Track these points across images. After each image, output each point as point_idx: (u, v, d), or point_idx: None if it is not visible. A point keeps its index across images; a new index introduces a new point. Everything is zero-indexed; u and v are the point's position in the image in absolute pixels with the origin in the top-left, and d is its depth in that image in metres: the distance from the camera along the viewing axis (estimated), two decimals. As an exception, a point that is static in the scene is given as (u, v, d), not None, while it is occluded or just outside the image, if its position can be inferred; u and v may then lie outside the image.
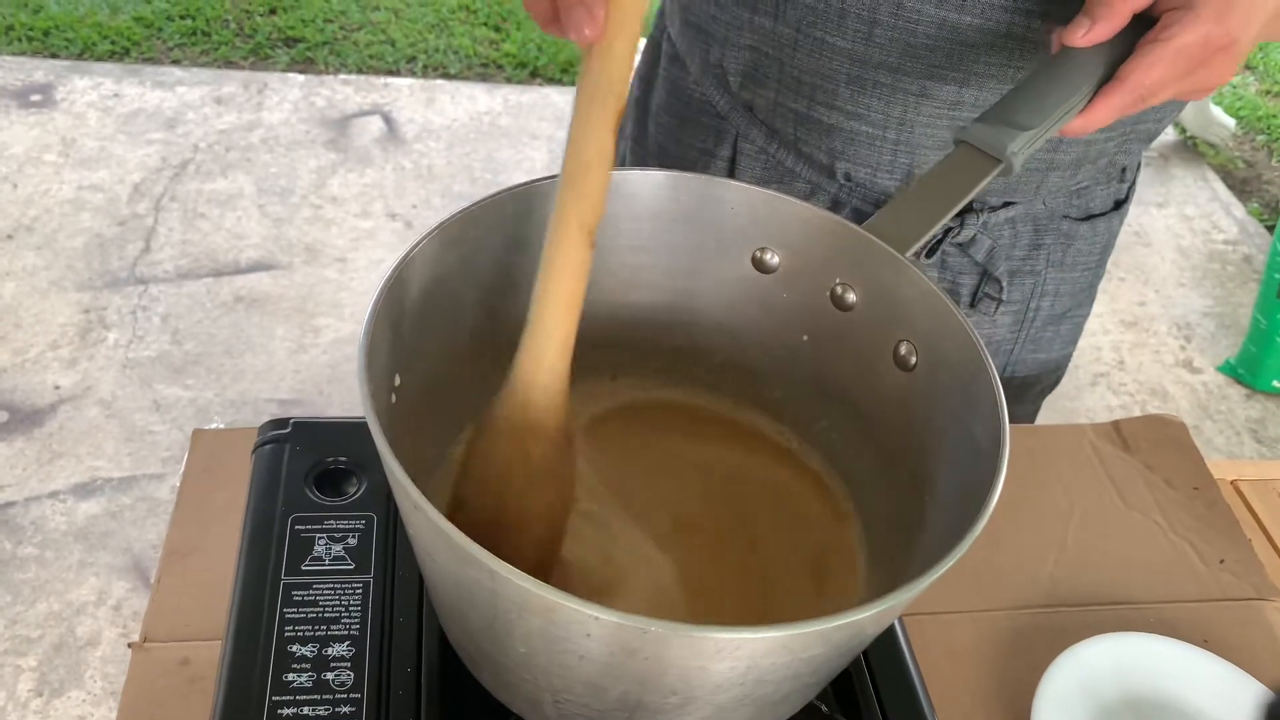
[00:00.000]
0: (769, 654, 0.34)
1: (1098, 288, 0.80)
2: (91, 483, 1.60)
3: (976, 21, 0.59)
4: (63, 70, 2.39)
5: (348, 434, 0.58)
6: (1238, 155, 2.70)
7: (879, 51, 0.61)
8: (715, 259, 0.54)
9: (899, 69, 0.62)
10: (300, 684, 0.47)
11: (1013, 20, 0.59)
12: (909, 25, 0.60)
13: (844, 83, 0.63)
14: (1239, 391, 2.06)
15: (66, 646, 1.40)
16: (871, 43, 0.61)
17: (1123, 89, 0.52)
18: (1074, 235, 0.74)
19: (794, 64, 0.64)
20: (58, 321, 1.84)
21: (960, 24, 0.59)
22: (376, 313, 0.41)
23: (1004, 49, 0.60)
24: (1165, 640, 0.63)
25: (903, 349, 0.49)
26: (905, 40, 0.60)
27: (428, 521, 0.34)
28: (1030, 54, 0.60)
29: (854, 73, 0.63)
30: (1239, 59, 0.53)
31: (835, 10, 0.61)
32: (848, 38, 0.61)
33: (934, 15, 0.59)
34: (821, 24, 0.62)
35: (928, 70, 0.62)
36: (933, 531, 0.45)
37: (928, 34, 0.60)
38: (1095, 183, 0.73)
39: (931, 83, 0.62)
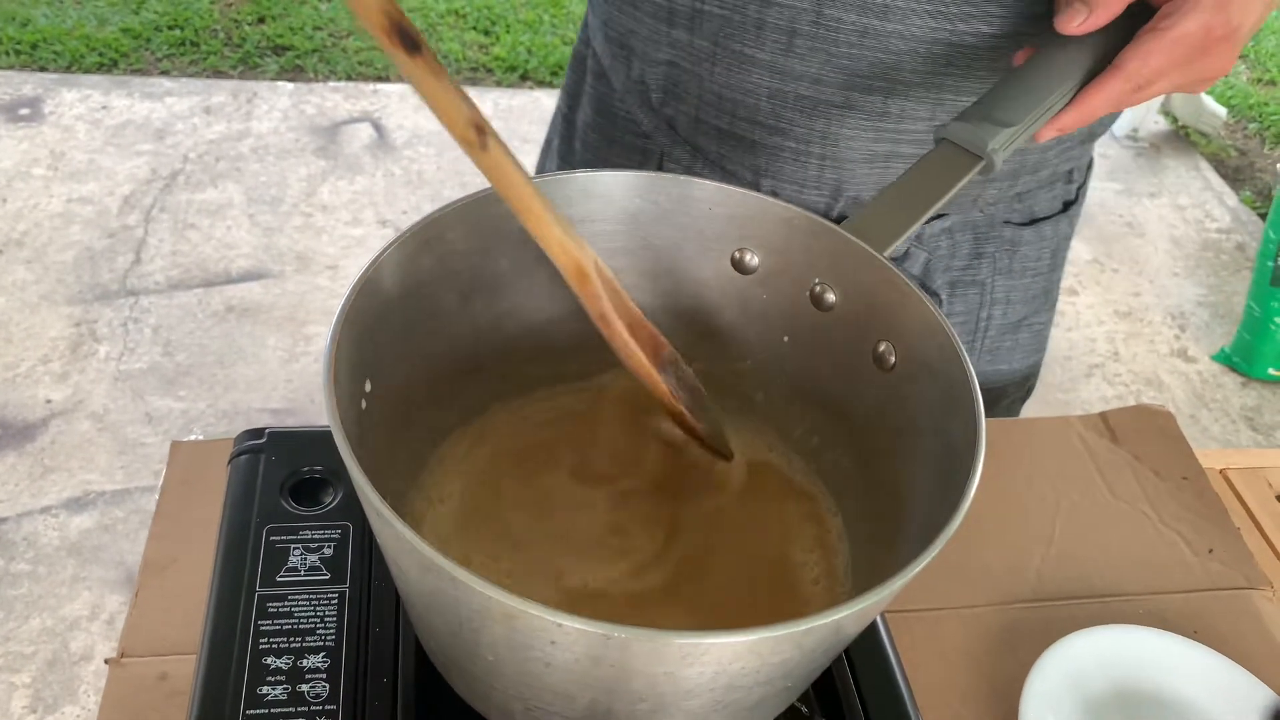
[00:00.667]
0: (737, 659, 0.34)
1: (1056, 293, 0.78)
2: (84, 497, 1.59)
3: (898, 28, 0.57)
4: (51, 83, 2.39)
5: (324, 443, 0.57)
6: (1230, 144, 2.70)
7: (799, 63, 0.59)
8: (694, 260, 0.53)
9: (820, 80, 0.60)
10: (275, 696, 0.47)
11: (936, 26, 0.57)
12: (829, 35, 0.58)
13: (765, 97, 0.61)
14: (1234, 380, 2.06)
15: (60, 662, 1.39)
16: (791, 54, 0.59)
17: (1119, 77, 0.51)
18: (1019, 241, 0.71)
19: (713, 79, 0.62)
20: (48, 335, 1.83)
21: (882, 32, 0.57)
22: (343, 318, 0.41)
23: (928, 56, 0.58)
24: (1154, 632, 0.62)
25: (882, 348, 0.49)
26: (826, 50, 0.59)
27: (389, 528, 0.34)
28: (956, 60, 0.58)
29: (774, 86, 0.61)
30: (1239, 48, 0.52)
31: (752, 21, 0.59)
32: (766, 50, 0.59)
33: (854, 23, 0.57)
34: (739, 36, 0.59)
35: (850, 81, 0.60)
36: (913, 532, 0.44)
37: (849, 43, 0.58)
38: (1039, 187, 0.71)
39: (855, 94, 0.60)
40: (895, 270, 0.47)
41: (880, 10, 0.56)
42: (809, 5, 0.57)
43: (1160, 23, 0.50)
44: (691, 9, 0.60)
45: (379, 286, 0.44)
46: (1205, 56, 0.51)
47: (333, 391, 0.38)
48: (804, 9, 0.57)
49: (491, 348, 0.52)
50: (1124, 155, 2.62)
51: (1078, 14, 0.51)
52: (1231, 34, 0.50)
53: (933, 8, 0.56)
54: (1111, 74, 0.51)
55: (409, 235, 0.45)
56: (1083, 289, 2.23)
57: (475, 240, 0.48)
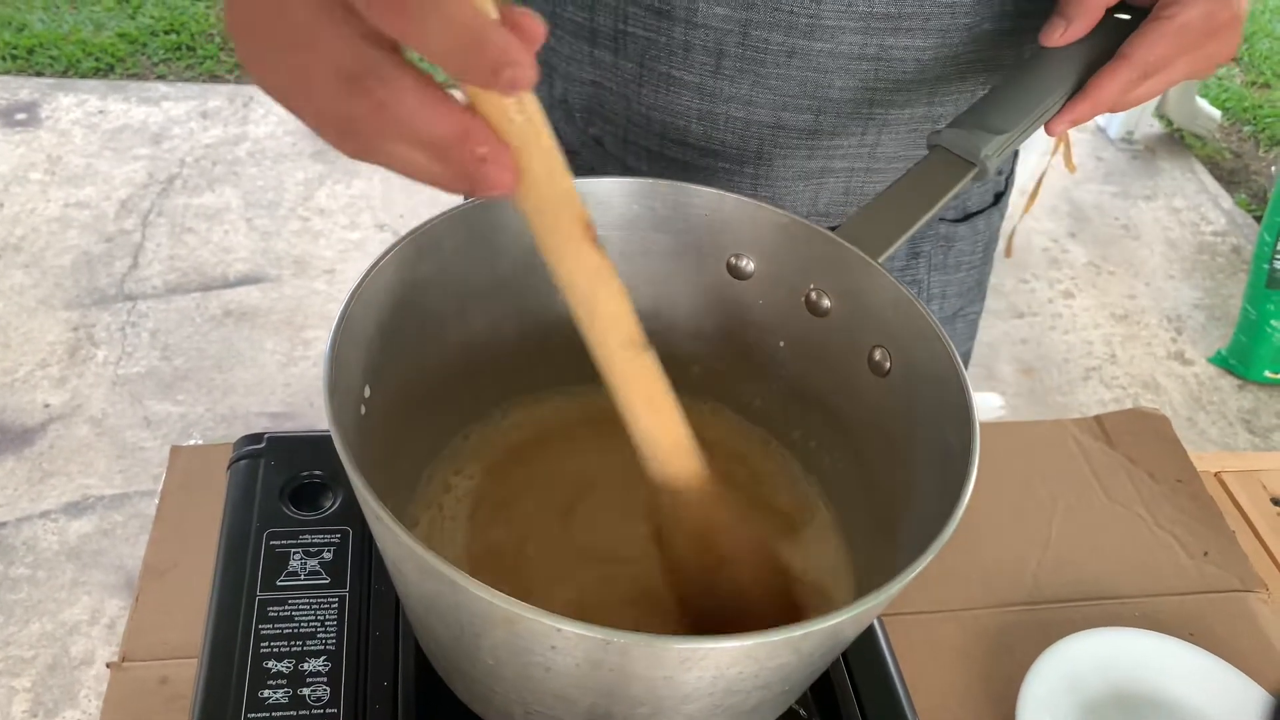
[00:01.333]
0: (735, 664, 0.34)
1: (987, 283, 0.78)
2: (83, 501, 1.59)
3: (826, 47, 0.56)
4: (47, 88, 2.39)
5: (323, 448, 0.58)
6: (1225, 146, 2.71)
7: (728, 84, 0.58)
8: (690, 266, 0.53)
9: (751, 101, 0.59)
10: (276, 700, 0.47)
11: (865, 43, 0.57)
12: (756, 55, 0.57)
13: (694, 119, 0.60)
14: (1231, 382, 2.06)
15: (61, 666, 1.40)
16: (720, 75, 0.58)
17: (1127, 66, 0.52)
18: (954, 237, 0.71)
19: (640, 100, 0.61)
20: (46, 340, 1.84)
21: (810, 51, 0.56)
22: (343, 323, 0.41)
23: (857, 73, 0.58)
24: (1150, 634, 0.63)
25: (877, 354, 0.49)
26: (754, 71, 0.58)
27: (389, 533, 0.34)
28: (886, 76, 0.58)
29: (704, 108, 0.60)
30: (1241, 29, 0.53)
31: (679, 43, 0.57)
32: (694, 71, 0.58)
33: (782, 44, 0.56)
34: (665, 58, 0.58)
35: (780, 101, 0.59)
36: (910, 536, 0.44)
37: (777, 64, 0.57)
38: (972, 189, 0.70)
39: (786, 113, 0.59)
40: (890, 276, 0.47)
41: (806, 30, 0.56)
42: (735, 27, 0.56)
43: (1163, 12, 0.51)
44: (615, 30, 0.59)
45: (378, 292, 0.44)
46: (1210, 41, 0.52)
47: (332, 396, 0.38)
48: (730, 30, 0.56)
49: (489, 353, 0.52)
50: (1119, 158, 2.62)
51: (1057, 27, 0.53)
52: (1234, 17, 0.51)
53: (860, 25, 0.56)
54: (1120, 63, 0.52)
55: (407, 241, 0.45)
56: (1079, 292, 2.23)
57: (472, 247, 0.48)
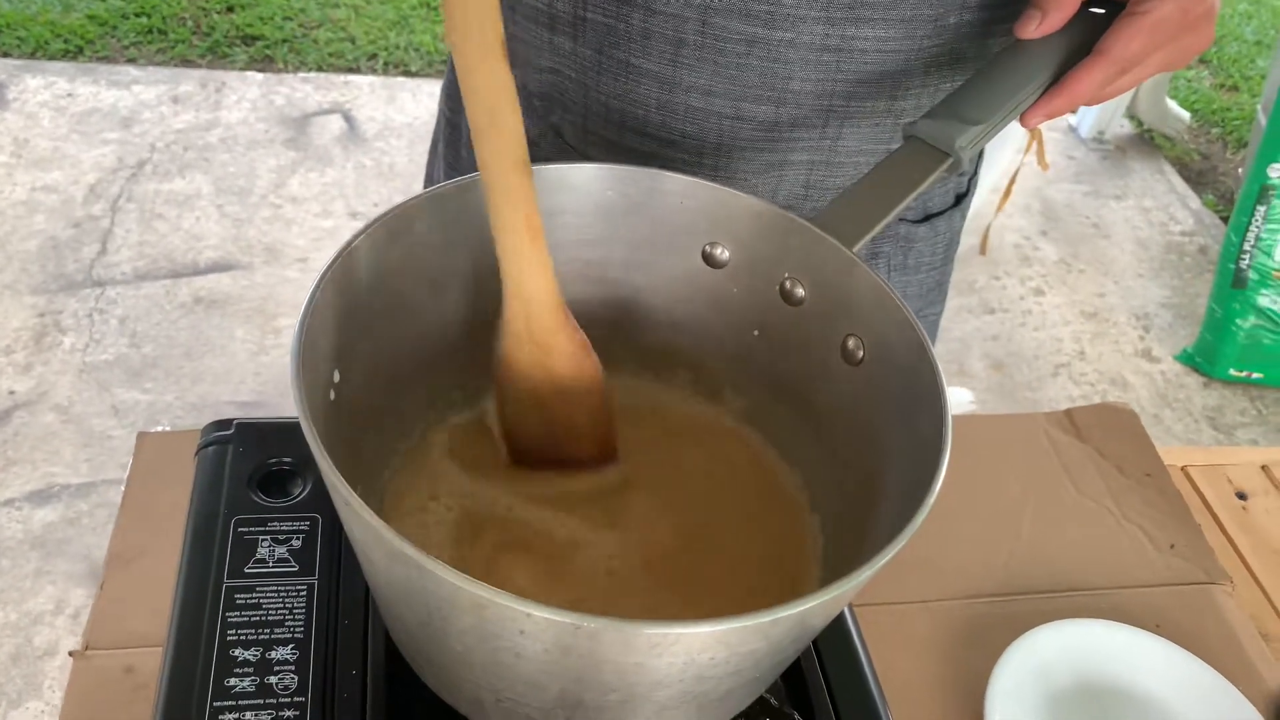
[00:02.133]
0: (705, 649, 0.34)
1: (948, 284, 0.78)
2: (48, 489, 1.57)
3: (786, 36, 0.56)
4: (14, 69, 2.35)
5: (292, 435, 0.57)
6: (1193, 148, 2.74)
7: (688, 73, 0.58)
8: (665, 253, 0.53)
9: (710, 91, 0.58)
10: (243, 688, 0.46)
11: (826, 33, 0.56)
12: (716, 44, 0.56)
13: (654, 108, 0.60)
14: (1196, 380, 2.09)
15: (24, 657, 1.37)
16: (679, 64, 0.57)
17: (1104, 61, 0.52)
18: (913, 238, 0.71)
19: (599, 88, 0.60)
20: (11, 326, 1.81)
21: (770, 40, 0.56)
22: (312, 307, 0.41)
23: (819, 64, 0.57)
24: (1117, 626, 0.63)
25: (850, 343, 0.49)
26: (714, 60, 0.57)
27: (357, 518, 0.34)
28: (847, 67, 0.58)
29: (663, 97, 0.59)
30: (1215, 19, 0.54)
31: (638, 31, 0.57)
32: (653, 59, 0.58)
33: (742, 32, 0.56)
34: (624, 45, 0.58)
35: (740, 91, 0.58)
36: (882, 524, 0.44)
37: (737, 53, 0.56)
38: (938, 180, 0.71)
39: (746, 104, 0.59)
40: (864, 265, 0.47)
41: (766, 18, 0.55)
42: (694, 14, 0.55)
43: (1138, 7, 0.52)
44: (574, 16, 0.58)
45: (348, 276, 0.44)
46: (1186, 34, 0.52)
47: (301, 381, 0.37)
48: (689, 18, 0.56)
49: (461, 339, 0.52)
50: (1090, 158, 2.65)
51: (1032, 19, 0.53)
52: (1208, 10, 0.52)
53: (820, 15, 0.55)
54: (1096, 58, 0.52)
55: (378, 225, 0.45)
56: (1049, 289, 2.26)
57: (444, 232, 0.48)
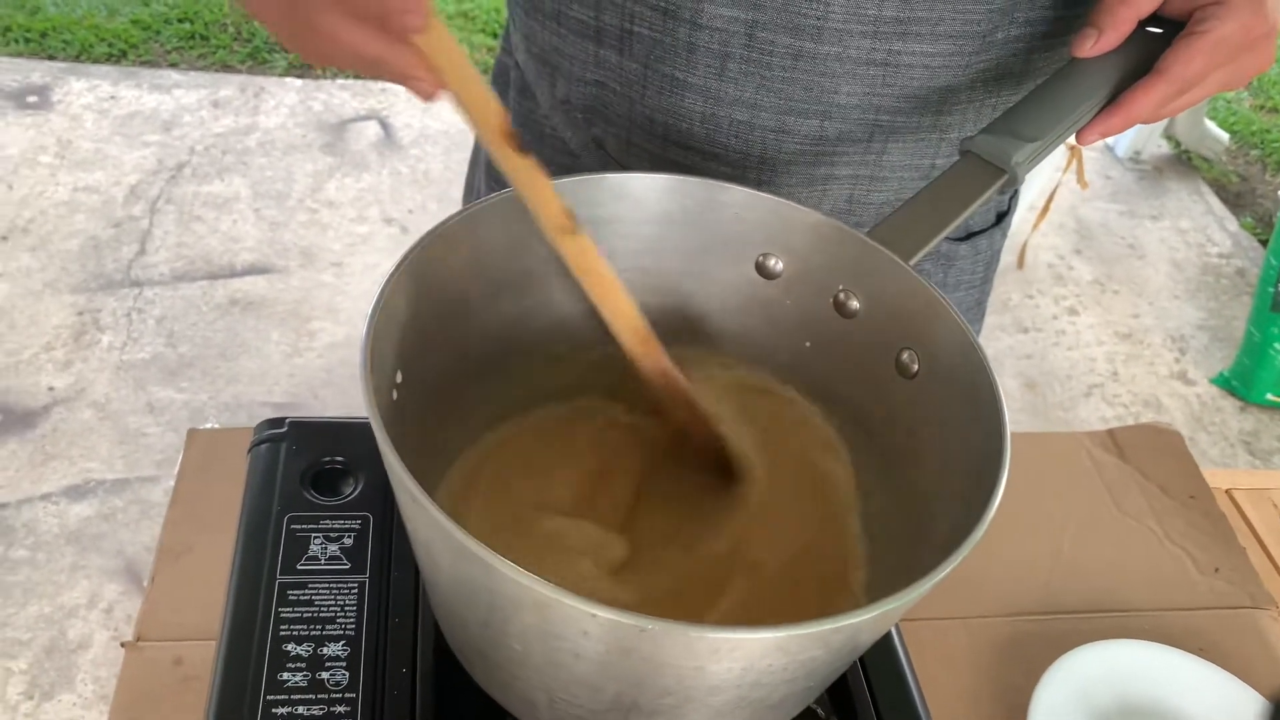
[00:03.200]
0: (766, 655, 0.34)
1: (987, 303, 0.78)
2: (84, 485, 1.59)
3: (833, 50, 0.55)
4: (59, 72, 2.39)
5: (344, 434, 0.58)
6: (1231, 169, 2.72)
7: (733, 87, 0.57)
8: (719, 264, 0.54)
9: (755, 105, 0.58)
10: (295, 683, 0.47)
11: (873, 47, 0.55)
12: (762, 58, 0.56)
13: (698, 121, 0.59)
14: (1232, 404, 2.07)
15: (58, 649, 1.39)
16: (724, 78, 0.57)
17: (1163, 80, 0.52)
18: (954, 256, 0.71)
19: (644, 102, 0.60)
20: (52, 323, 1.83)
21: (816, 54, 0.56)
22: (381, 306, 0.41)
23: (865, 79, 0.57)
24: (1160, 648, 0.63)
25: (905, 356, 0.49)
26: (759, 74, 0.57)
27: (426, 515, 0.34)
28: (894, 81, 0.57)
29: (708, 110, 0.59)
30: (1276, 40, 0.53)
31: (684, 44, 0.56)
32: (699, 73, 0.57)
33: (788, 46, 0.55)
34: (670, 59, 0.57)
35: (786, 105, 0.58)
36: (933, 538, 0.44)
37: (783, 67, 0.56)
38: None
39: (791, 118, 0.58)
40: (921, 279, 0.48)
41: (814, 33, 0.55)
42: (741, 28, 0.55)
43: (1198, 27, 0.52)
44: (621, 29, 0.58)
45: (414, 278, 0.44)
46: (1247, 54, 0.52)
47: (370, 380, 0.38)
48: (736, 32, 0.55)
49: (520, 344, 0.52)
50: (1127, 177, 2.63)
51: (1088, 37, 0.53)
52: (1271, 30, 0.51)
53: (868, 29, 0.55)
54: (1156, 78, 0.52)
55: (444, 229, 0.46)
56: (1083, 309, 2.24)
57: (508, 237, 0.49)
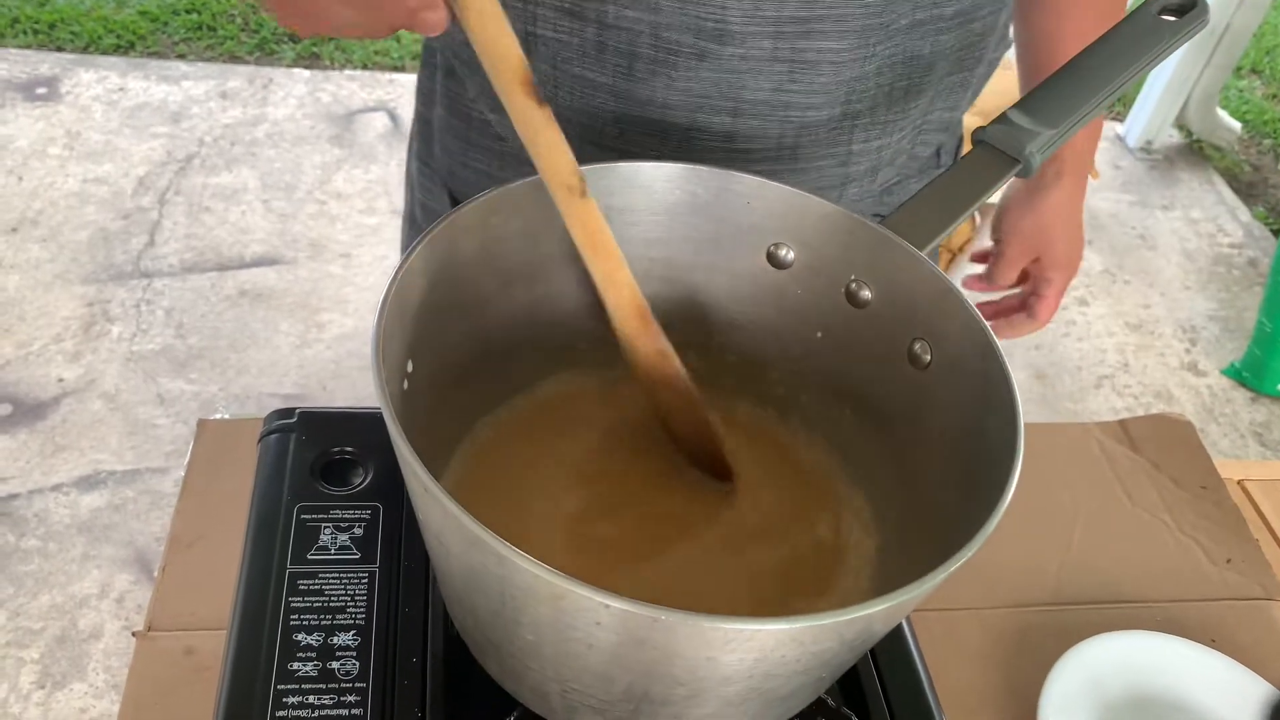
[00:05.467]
0: (779, 647, 0.34)
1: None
2: (95, 475, 1.59)
3: (738, 51, 0.55)
4: (68, 63, 2.39)
5: (354, 424, 0.58)
6: (1244, 159, 2.70)
7: (642, 87, 0.57)
8: (730, 253, 0.53)
9: (666, 104, 0.58)
10: (305, 673, 0.47)
11: (776, 46, 0.55)
12: (668, 58, 0.56)
13: (610, 121, 0.59)
14: (1243, 395, 2.06)
15: (69, 639, 1.40)
16: (633, 78, 0.57)
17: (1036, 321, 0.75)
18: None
19: (557, 102, 0.60)
20: (61, 314, 1.84)
21: (721, 54, 0.55)
22: (391, 296, 0.41)
23: (772, 76, 0.56)
24: (1172, 639, 0.63)
25: (917, 347, 0.49)
26: (667, 74, 0.56)
27: (438, 505, 0.34)
28: (801, 77, 0.57)
29: (619, 110, 0.58)
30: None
31: (591, 45, 0.56)
32: (608, 74, 0.57)
33: (693, 46, 0.55)
34: (578, 60, 0.57)
35: (695, 103, 0.58)
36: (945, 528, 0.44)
37: (689, 66, 0.56)
38: (904, 178, 0.70)
39: (702, 115, 0.58)
40: (935, 268, 0.47)
41: (715, 35, 0.54)
42: (646, 29, 0.55)
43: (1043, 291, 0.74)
44: (524, 32, 0.57)
45: (424, 267, 0.44)
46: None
47: (381, 369, 0.38)
48: (641, 32, 0.55)
49: (528, 333, 0.52)
50: (1138, 167, 2.62)
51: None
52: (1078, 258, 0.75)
53: (769, 29, 0.54)
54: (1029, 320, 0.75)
55: (454, 217, 0.45)
56: (1093, 300, 2.23)
57: (518, 226, 0.48)
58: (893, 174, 0.68)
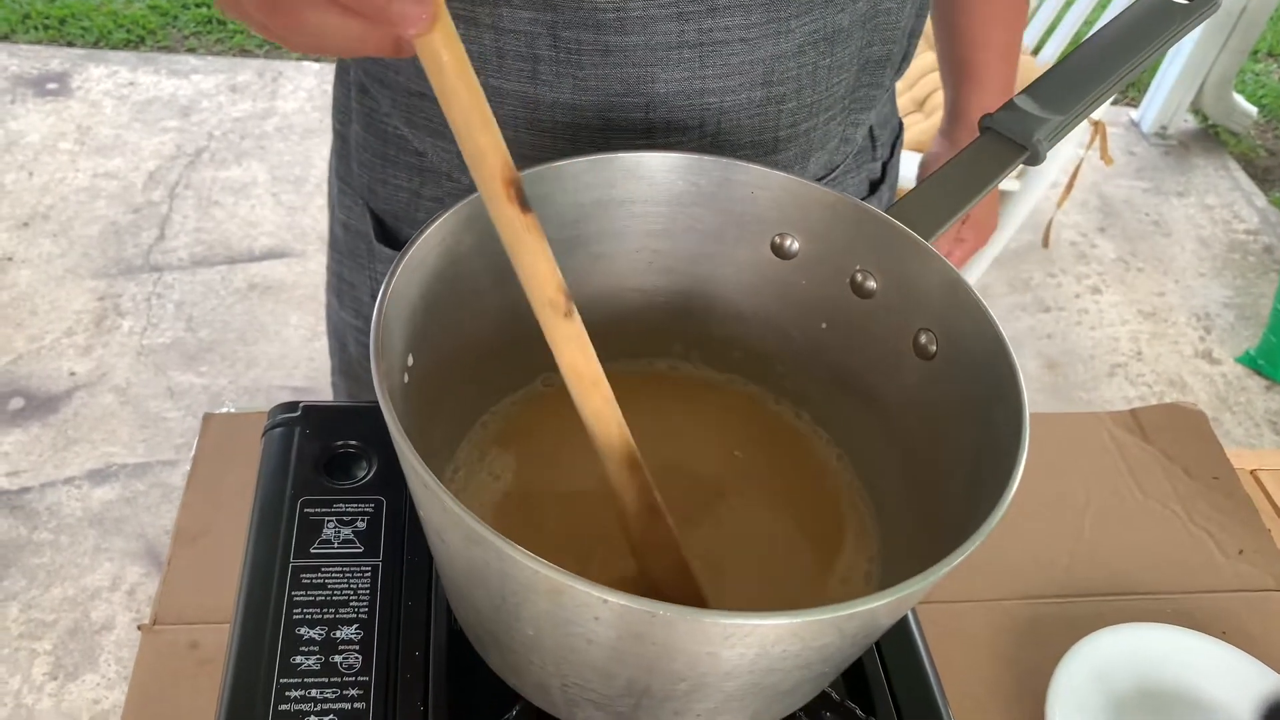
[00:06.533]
0: (779, 641, 0.34)
1: None
2: (106, 469, 1.60)
3: (641, 40, 0.53)
4: (78, 58, 2.40)
5: (358, 418, 0.58)
6: (1260, 144, 2.67)
7: (548, 90, 0.55)
8: (734, 244, 0.53)
9: (575, 106, 0.56)
10: (308, 666, 0.47)
11: (682, 30, 0.53)
12: (571, 58, 0.54)
13: (522, 128, 0.57)
14: (1259, 383, 2.04)
15: (81, 631, 1.41)
16: (538, 81, 0.55)
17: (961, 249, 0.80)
18: None
19: None
20: (73, 308, 1.85)
21: (625, 46, 0.53)
22: (390, 290, 0.41)
23: (681, 63, 0.55)
24: (1183, 631, 0.62)
25: (923, 338, 0.49)
26: (572, 74, 0.54)
27: (436, 500, 0.34)
28: (712, 60, 0.54)
29: (529, 116, 0.57)
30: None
31: (492, 51, 0.54)
32: (512, 79, 0.55)
33: (594, 42, 0.53)
34: (481, 68, 0.55)
35: (606, 102, 0.56)
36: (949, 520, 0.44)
37: (593, 63, 0.54)
38: (838, 171, 0.67)
39: (614, 114, 0.56)
40: (942, 258, 0.47)
41: (616, 25, 0.52)
42: (544, 30, 0.53)
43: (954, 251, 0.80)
44: None
45: (422, 261, 0.44)
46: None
47: (380, 364, 0.38)
48: (540, 34, 0.53)
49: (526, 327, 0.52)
50: (1152, 153, 2.59)
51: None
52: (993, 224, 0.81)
53: (671, 11, 0.52)
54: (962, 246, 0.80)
55: (451, 212, 0.45)
56: (1106, 287, 2.21)
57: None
58: (825, 159, 0.65)
